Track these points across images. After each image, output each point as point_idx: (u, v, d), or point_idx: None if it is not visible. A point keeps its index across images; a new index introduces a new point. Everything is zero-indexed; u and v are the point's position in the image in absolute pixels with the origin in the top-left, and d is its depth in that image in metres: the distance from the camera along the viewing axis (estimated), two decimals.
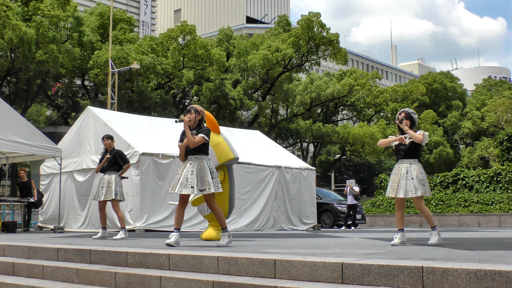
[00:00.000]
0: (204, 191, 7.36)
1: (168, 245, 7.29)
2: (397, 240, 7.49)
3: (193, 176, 7.36)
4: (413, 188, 7.31)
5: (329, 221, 24.25)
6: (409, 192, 7.33)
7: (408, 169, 7.43)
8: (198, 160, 7.50)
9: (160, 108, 36.61)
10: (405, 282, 4.19)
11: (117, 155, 10.80)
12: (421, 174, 7.41)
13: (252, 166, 18.25)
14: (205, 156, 7.57)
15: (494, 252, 5.82)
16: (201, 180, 7.36)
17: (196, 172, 7.38)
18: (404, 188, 7.37)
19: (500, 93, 59.51)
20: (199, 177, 7.36)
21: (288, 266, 4.93)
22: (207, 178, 7.38)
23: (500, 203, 27.71)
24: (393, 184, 7.51)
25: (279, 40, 41.14)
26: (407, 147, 7.54)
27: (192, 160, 7.51)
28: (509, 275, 3.75)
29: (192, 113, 7.60)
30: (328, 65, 79.79)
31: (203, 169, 7.42)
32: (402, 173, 7.45)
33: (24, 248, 8.05)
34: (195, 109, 7.66)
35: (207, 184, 7.36)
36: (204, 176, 7.38)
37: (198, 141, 7.43)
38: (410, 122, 7.60)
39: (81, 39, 34.60)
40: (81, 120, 18.13)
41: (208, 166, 7.48)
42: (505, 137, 37.57)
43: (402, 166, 7.52)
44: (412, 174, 7.39)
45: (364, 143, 44.49)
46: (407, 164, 7.49)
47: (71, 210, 17.72)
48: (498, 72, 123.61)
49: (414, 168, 7.44)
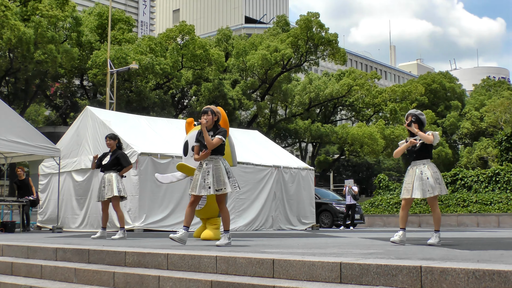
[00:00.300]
0: (220, 191, 7.51)
1: (171, 239, 7.39)
2: (397, 237, 7.51)
3: (209, 176, 7.52)
4: (430, 187, 7.35)
5: (328, 221, 24.25)
6: (427, 192, 7.35)
7: (422, 170, 7.47)
8: (214, 160, 7.65)
9: (158, 108, 36.59)
10: (403, 282, 4.19)
11: (120, 156, 10.71)
12: (435, 173, 7.45)
13: (251, 166, 18.24)
14: (221, 157, 7.72)
15: (493, 252, 5.82)
16: (217, 180, 7.51)
17: (212, 172, 7.53)
18: (421, 189, 7.38)
19: (499, 93, 59.56)
20: (215, 177, 7.51)
21: (287, 266, 4.92)
22: (223, 178, 7.53)
23: (499, 203, 27.73)
24: (407, 185, 7.54)
25: (277, 40, 41.13)
26: (418, 149, 7.60)
27: (208, 161, 7.65)
28: (507, 275, 3.75)
29: (209, 114, 7.74)
30: (327, 65, 79.78)
31: (219, 169, 7.57)
32: (416, 174, 7.48)
33: (23, 248, 8.04)
34: (211, 110, 7.81)
35: (222, 184, 7.52)
36: (220, 176, 7.53)
37: (216, 143, 7.58)
38: (418, 124, 7.65)
39: (80, 39, 34.57)
40: (79, 120, 18.12)
41: (224, 166, 7.64)
42: (504, 137, 37.59)
43: (416, 168, 7.55)
44: (426, 174, 7.42)
45: (362, 143, 44.49)
46: (421, 165, 7.53)
47: (70, 210, 17.70)
48: (497, 72, 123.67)
49: (428, 168, 7.48)
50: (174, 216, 16.26)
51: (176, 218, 16.29)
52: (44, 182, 18.90)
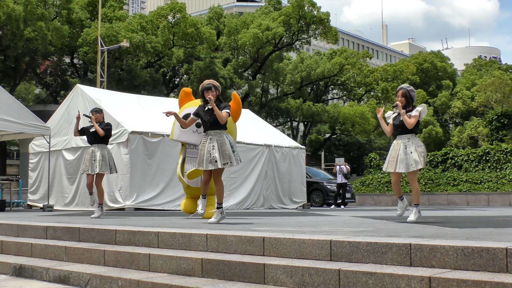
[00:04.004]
0: (226, 164, 7.66)
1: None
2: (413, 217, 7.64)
3: (215, 151, 7.64)
4: (414, 162, 7.43)
5: (319, 200, 24.36)
6: (411, 166, 7.45)
7: (407, 144, 7.54)
8: (218, 135, 7.77)
9: (150, 86, 36.40)
10: (393, 259, 4.21)
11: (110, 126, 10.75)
12: (420, 147, 7.52)
13: (242, 145, 18.24)
14: (224, 131, 7.85)
15: (482, 229, 5.86)
16: (223, 155, 7.64)
17: (217, 147, 7.66)
18: (405, 163, 7.48)
19: (490, 73, 59.57)
20: (220, 151, 7.64)
21: (277, 244, 4.94)
22: (228, 152, 7.67)
23: (489, 182, 27.92)
24: (392, 159, 7.63)
25: (269, 19, 40.90)
26: (403, 123, 7.61)
27: (212, 135, 7.79)
28: (495, 251, 3.78)
29: (212, 90, 7.93)
30: (318, 44, 79.57)
31: (224, 144, 7.70)
32: (401, 148, 7.56)
33: (13, 226, 8.03)
34: (214, 85, 8.01)
35: (228, 158, 7.66)
36: (225, 150, 7.67)
37: (225, 117, 7.78)
38: (406, 100, 7.64)
39: (70, 16, 34.21)
40: (70, 98, 18.02)
41: (228, 140, 7.77)
42: (494, 116, 37.74)
43: (401, 142, 7.62)
44: (410, 148, 7.49)
45: (354, 123, 44.55)
46: (405, 140, 7.59)
47: (60, 188, 17.67)
48: (488, 52, 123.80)
49: (412, 142, 7.54)
50: (165, 195, 16.27)
51: (167, 196, 16.31)
52: (34, 161, 18.83)
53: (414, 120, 7.47)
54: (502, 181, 27.66)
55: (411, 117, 7.50)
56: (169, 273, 5.29)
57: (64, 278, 5.77)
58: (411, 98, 7.68)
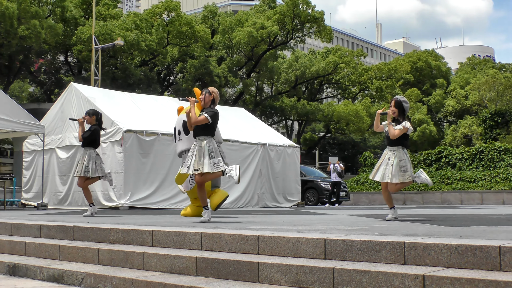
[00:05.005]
0: (197, 170, 7.58)
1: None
2: (391, 215, 7.86)
3: (192, 157, 7.65)
4: (390, 174, 7.55)
5: (313, 198, 24.39)
6: (386, 177, 7.60)
7: (391, 156, 7.67)
8: (200, 141, 7.72)
9: (144, 85, 36.35)
10: (387, 258, 4.22)
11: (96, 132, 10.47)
12: (403, 161, 7.59)
13: (237, 144, 18.24)
14: (207, 137, 7.73)
15: (476, 228, 5.88)
16: (197, 161, 7.59)
17: (195, 153, 7.64)
18: (382, 173, 7.63)
19: (483, 71, 59.68)
20: (197, 157, 7.61)
21: (271, 242, 4.94)
22: (203, 159, 7.58)
23: (482, 180, 28.01)
24: (376, 167, 7.80)
25: (264, 17, 40.87)
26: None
27: (197, 141, 7.77)
28: (489, 250, 3.79)
29: (202, 93, 7.91)
30: (313, 42, 79.49)
31: (201, 150, 7.64)
32: (385, 158, 7.71)
33: (7, 225, 8.00)
34: (208, 90, 7.95)
35: (201, 164, 7.56)
36: (201, 156, 7.60)
37: (200, 120, 7.68)
38: (399, 110, 7.70)
39: (64, 14, 34.09)
40: (64, 96, 17.97)
41: (207, 147, 7.65)
42: (488, 115, 37.86)
43: (387, 153, 7.75)
44: (393, 161, 7.60)
45: (348, 121, 44.59)
46: (391, 151, 7.71)
47: (54, 187, 17.63)
48: (482, 50, 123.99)
49: (396, 155, 7.63)
50: (160, 193, 16.26)
51: (162, 195, 16.30)
52: (28, 159, 18.78)
53: (399, 132, 7.56)
54: (495, 179, 27.76)
55: (396, 129, 7.57)
56: (164, 271, 5.29)
57: (58, 277, 5.76)
58: (403, 110, 7.73)
